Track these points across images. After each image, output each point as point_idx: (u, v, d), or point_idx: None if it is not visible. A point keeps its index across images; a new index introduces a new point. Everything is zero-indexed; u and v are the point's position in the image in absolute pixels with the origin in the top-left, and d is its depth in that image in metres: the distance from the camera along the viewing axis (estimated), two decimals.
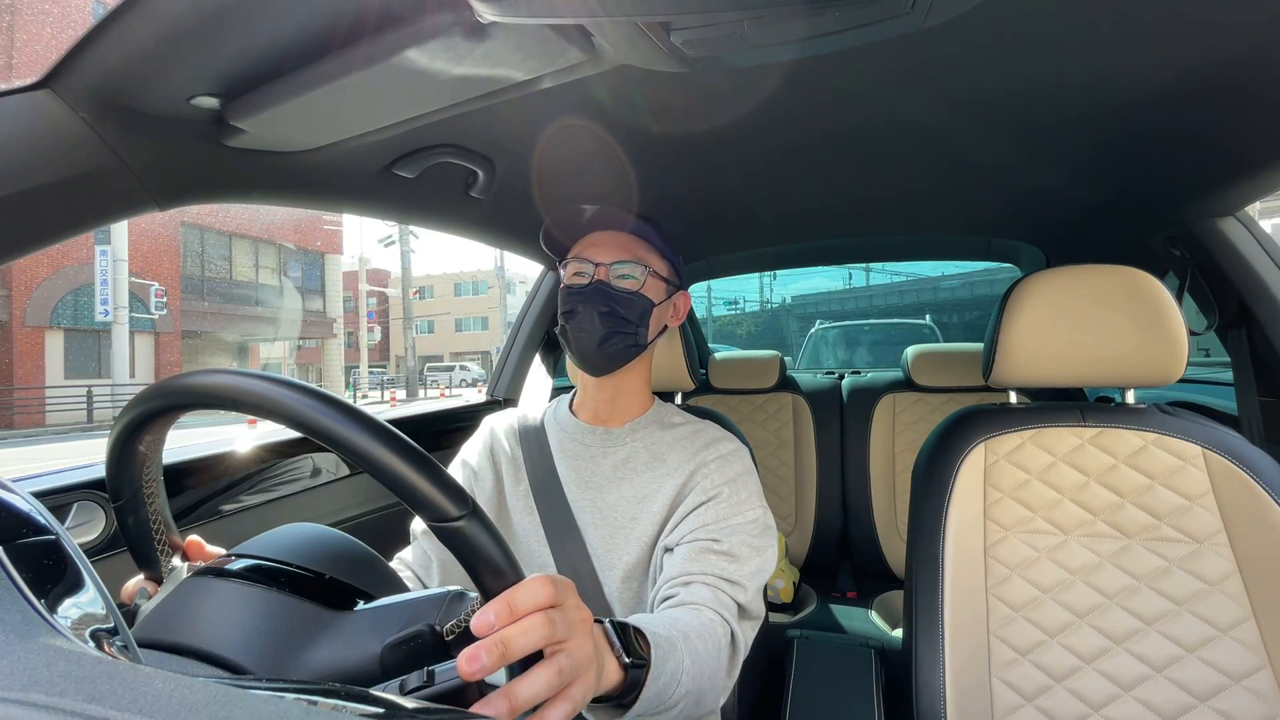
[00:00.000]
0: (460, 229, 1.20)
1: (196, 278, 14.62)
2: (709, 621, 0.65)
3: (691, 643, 0.59)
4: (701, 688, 0.59)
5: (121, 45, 0.53)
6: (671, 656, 0.54)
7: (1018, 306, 0.87)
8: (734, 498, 0.76)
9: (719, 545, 0.72)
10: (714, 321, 20.55)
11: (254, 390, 0.36)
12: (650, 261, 0.82)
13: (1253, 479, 0.78)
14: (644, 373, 0.88)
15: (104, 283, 9.93)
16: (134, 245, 10.34)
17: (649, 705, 0.51)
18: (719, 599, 0.68)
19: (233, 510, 0.95)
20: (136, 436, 0.44)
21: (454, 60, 0.56)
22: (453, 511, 0.36)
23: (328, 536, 0.50)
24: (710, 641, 0.63)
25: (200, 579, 0.43)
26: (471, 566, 0.38)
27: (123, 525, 0.47)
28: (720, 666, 0.63)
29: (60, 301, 12.17)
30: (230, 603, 0.41)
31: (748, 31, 0.54)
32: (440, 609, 0.43)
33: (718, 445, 0.82)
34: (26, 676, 0.20)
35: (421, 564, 0.84)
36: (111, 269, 9.90)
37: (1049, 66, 0.68)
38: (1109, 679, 0.78)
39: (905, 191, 1.15)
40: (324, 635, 0.41)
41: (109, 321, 10.17)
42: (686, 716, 0.59)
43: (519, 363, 1.67)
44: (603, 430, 0.85)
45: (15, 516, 0.31)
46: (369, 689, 0.37)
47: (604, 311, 0.78)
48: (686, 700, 0.57)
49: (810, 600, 1.63)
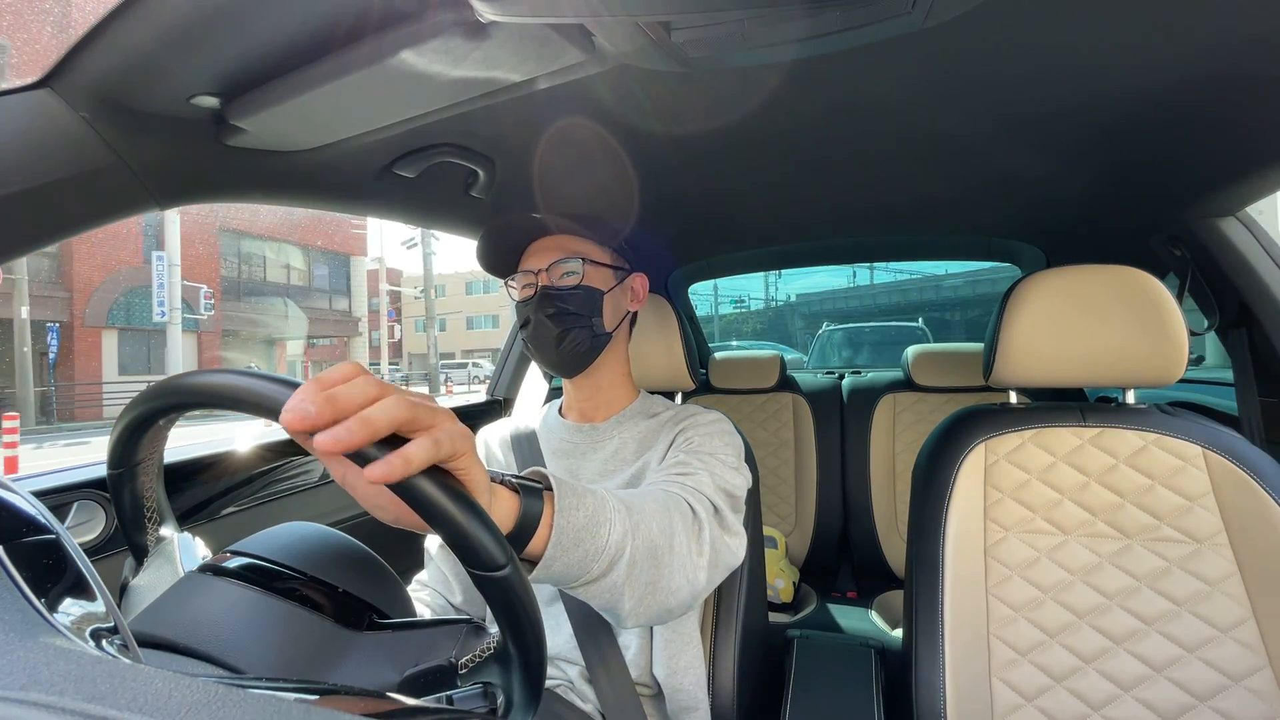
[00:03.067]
0: (460, 228, 1.20)
1: (233, 279, 15.66)
2: (659, 492, 0.63)
3: (629, 503, 0.56)
4: (655, 545, 0.56)
5: (121, 44, 0.53)
6: (588, 498, 0.51)
7: (1018, 306, 0.87)
8: (707, 445, 0.76)
9: (685, 468, 0.72)
10: (720, 319, 21.00)
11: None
12: (587, 252, 0.83)
13: (1253, 479, 0.78)
14: (619, 365, 0.89)
15: (160, 286, 10.69)
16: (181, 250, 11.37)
17: (575, 548, 0.48)
18: (677, 486, 0.68)
19: (233, 510, 0.95)
20: (161, 417, 0.43)
21: (454, 60, 0.56)
22: (498, 561, 0.36)
23: (332, 539, 0.49)
24: (657, 503, 0.60)
25: (202, 576, 0.43)
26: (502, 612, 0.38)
27: (115, 493, 0.47)
28: (679, 534, 0.60)
29: (115, 303, 13.25)
30: (238, 607, 0.41)
31: (748, 31, 0.54)
32: (457, 643, 0.43)
33: (698, 415, 0.83)
34: (27, 676, 0.20)
35: (441, 583, 0.85)
36: (167, 274, 10.62)
37: (1048, 67, 0.68)
38: (1109, 679, 0.78)
39: (905, 191, 1.15)
40: (341, 656, 0.41)
41: (164, 322, 10.86)
42: (650, 603, 0.57)
43: (518, 363, 1.67)
44: (589, 427, 0.86)
45: (15, 516, 0.31)
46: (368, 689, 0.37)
47: (551, 313, 0.79)
48: (637, 564, 0.54)
49: (810, 600, 1.63)
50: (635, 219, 1.24)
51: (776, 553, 1.64)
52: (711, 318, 19.91)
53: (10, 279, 10.33)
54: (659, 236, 1.45)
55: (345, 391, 0.34)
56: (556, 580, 0.50)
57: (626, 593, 0.54)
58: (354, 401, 0.34)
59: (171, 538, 0.49)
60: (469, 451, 0.38)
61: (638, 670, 0.77)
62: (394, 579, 0.51)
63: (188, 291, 11.51)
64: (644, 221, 1.28)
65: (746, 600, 0.86)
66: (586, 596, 0.54)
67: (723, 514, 0.69)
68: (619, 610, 0.56)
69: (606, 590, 0.53)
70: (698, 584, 0.62)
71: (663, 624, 0.64)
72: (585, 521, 0.50)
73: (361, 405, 0.34)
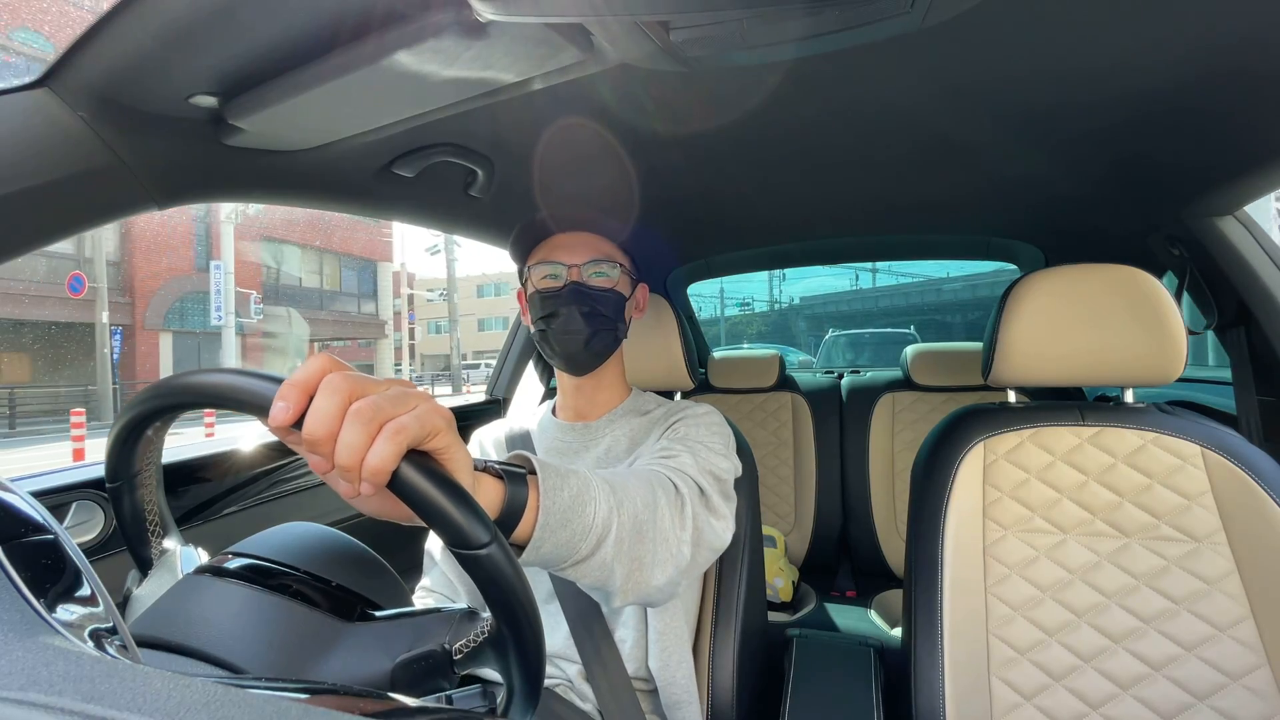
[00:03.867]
0: (459, 228, 1.20)
1: (272, 285, 17.08)
2: (642, 470, 0.64)
3: (612, 481, 0.56)
4: (640, 519, 0.56)
5: (120, 44, 0.53)
6: (571, 479, 0.51)
7: (1017, 306, 0.87)
8: (694, 434, 0.77)
9: (669, 452, 0.73)
10: (726, 321, 21.97)
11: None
12: (619, 258, 0.84)
13: (1251, 478, 0.78)
14: (620, 364, 0.91)
15: (218, 292, 11.63)
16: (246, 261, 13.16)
17: (563, 528, 0.49)
18: (660, 465, 0.68)
19: (233, 510, 0.95)
20: (149, 423, 0.43)
21: (453, 59, 0.56)
22: (481, 538, 0.36)
23: (330, 538, 0.49)
24: (640, 479, 0.61)
25: (201, 577, 0.43)
26: (489, 592, 0.38)
27: (116, 505, 0.47)
28: (662, 507, 0.61)
29: (171, 308, 14.59)
30: (234, 605, 0.41)
31: (747, 30, 0.54)
32: (451, 628, 0.43)
33: (689, 408, 0.84)
34: (26, 676, 0.20)
35: (445, 587, 0.85)
36: (224, 281, 11.61)
37: (1047, 67, 0.68)
38: (1108, 678, 0.78)
39: (905, 191, 1.15)
40: (333, 646, 0.41)
41: (220, 325, 11.91)
42: (638, 578, 0.57)
43: (517, 362, 1.67)
44: (582, 426, 0.87)
45: (15, 516, 0.31)
46: (368, 689, 0.37)
47: (585, 311, 0.79)
48: (624, 540, 0.54)
49: (809, 599, 1.63)
50: (635, 218, 1.24)
51: (776, 552, 1.64)
52: (717, 320, 20.92)
53: (93, 287, 11.49)
54: (658, 235, 1.45)
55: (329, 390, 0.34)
56: (546, 562, 0.50)
57: (616, 569, 0.55)
58: (339, 401, 0.34)
59: (175, 550, 0.49)
60: (444, 429, 0.38)
61: (634, 665, 0.77)
62: (391, 574, 0.51)
63: (239, 297, 12.32)
64: (643, 220, 1.28)
65: (746, 599, 0.86)
66: (577, 576, 0.54)
67: (709, 496, 0.69)
68: (609, 588, 0.56)
69: (597, 568, 0.53)
70: (681, 559, 0.62)
71: (650, 604, 0.63)
72: (570, 501, 0.50)
73: (347, 403, 0.34)
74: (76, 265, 12.26)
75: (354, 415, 0.34)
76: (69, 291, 11.42)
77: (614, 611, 0.79)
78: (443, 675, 0.41)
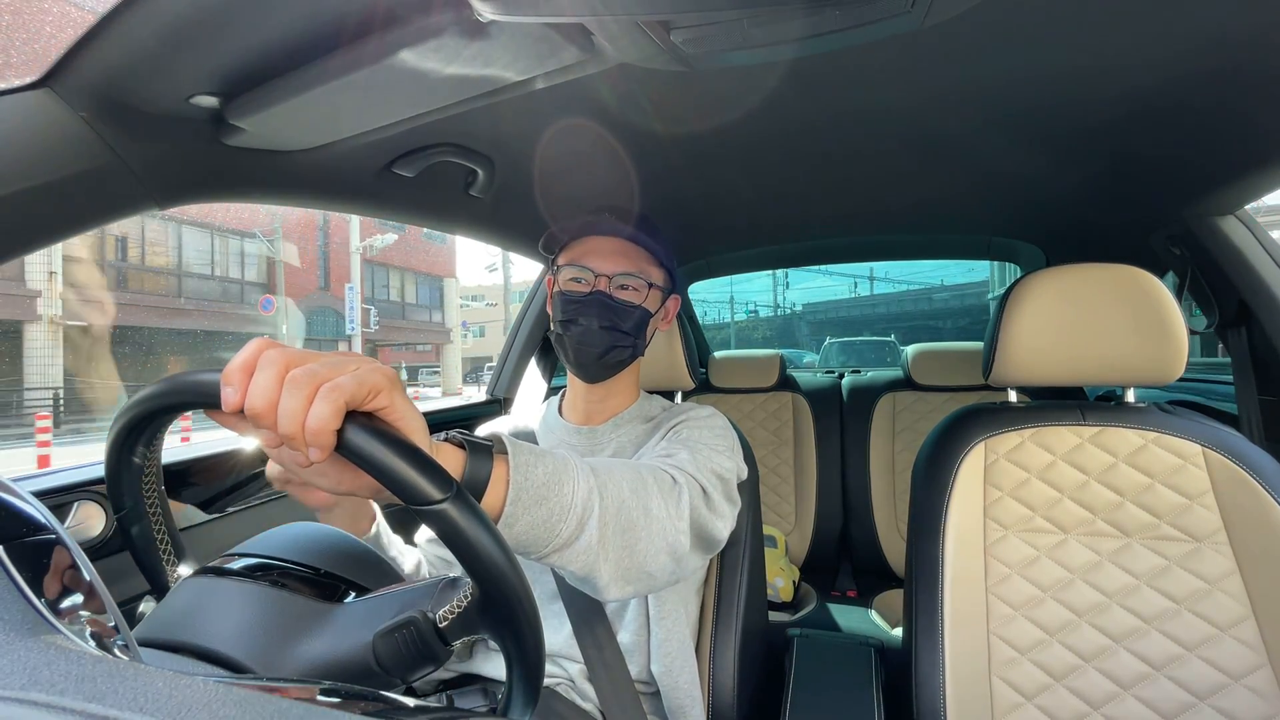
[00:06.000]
0: (460, 228, 1.20)
1: (368, 299, 19.58)
2: (631, 462, 0.63)
3: (595, 466, 0.56)
4: (626, 503, 0.56)
5: (121, 44, 0.53)
6: (547, 458, 0.50)
7: (1018, 305, 0.87)
8: (695, 435, 0.76)
9: (668, 451, 0.72)
10: (734, 325, 24.58)
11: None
12: (650, 274, 0.82)
13: (1253, 478, 0.78)
14: (635, 373, 0.89)
15: (351, 307, 14.83)
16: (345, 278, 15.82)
17: (538, 506, 0.48)
18: (657, 461, 0.68)
19: (233, 510, 0.95)
20: (129, 445, 0.44)
21: (454, 59, 0.56)
22: (435, 494, 0.35)
23: (323, 533, 0.50)
24: (628, 467, 0.60)
25: (198, 578, 0.43)
26: (457, 549, 0.36)
27: (126, 535, 0.47)
28: (654, 494, 0.60)
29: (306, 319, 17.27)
30: (225, 599, 0.41)
31: (747, 30, 0.54)
32: (433, 596, 0.42)
33: (692, 411, 0.84)
34: (27, 675, 0.20)
35: (443, 571, 0.84)
36: (356, 300, 14.82)
37: (1048, 66, 0.68)
38: (1109, 678, 0.78)
39: (905, 190, 1.15)
40: (317, 627, 0.41)
41: (351, 335, 14.92)
42: (629, 566, 0.56)
43: (518, 362, 1.67)
44: (588, 430, 0.86)
45: (15, 516, 0.31)
46: (368, 688, 0.37)
47: (605, 324, 0.78)
48: (609, 524, 0.53)
49: (810, 599, 1.63)
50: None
51: (776, 552, 1.64)
52: (727, 324, 23.90)
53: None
54: None
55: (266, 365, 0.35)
56: (525, 545, 0.49)
57: (601, 555, 0.53)
58: (276, 373, 0.35)
59: (189, 576, 0.50)
60: (386, 388, 0.37)
61: (636, 668, 0.77)
62: (385, 563, 0.51)
63: (362, 312, 15.68)
64: None
65: (746, 599, 0.86)
66: (562, 564, 0.53)
67: (710, 495, 0.69)
68: (597, 577, 0.54)
69: (581, 553, 0.52)
70: (680, 547, 0.61)
71: (650, 591, 0.63)
72: (546, 478, 0.49)
73: (284, 373, 0.35)
74: (265, 290, 15.78)
75: (290, 383, 0.34)
76: (260, 310, 14.80)
77: (616, 613, 0.79)
78: (430, 646, 0.40)
